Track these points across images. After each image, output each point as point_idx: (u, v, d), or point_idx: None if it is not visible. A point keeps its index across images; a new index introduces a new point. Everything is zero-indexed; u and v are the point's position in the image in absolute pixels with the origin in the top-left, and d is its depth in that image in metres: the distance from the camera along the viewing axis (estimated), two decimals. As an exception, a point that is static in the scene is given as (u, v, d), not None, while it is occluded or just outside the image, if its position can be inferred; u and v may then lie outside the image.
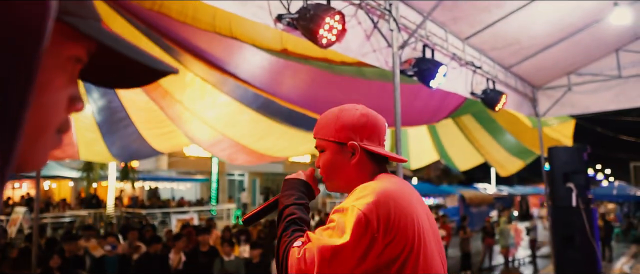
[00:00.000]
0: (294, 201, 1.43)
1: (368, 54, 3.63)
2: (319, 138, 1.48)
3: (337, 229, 1.22)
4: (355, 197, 1.27)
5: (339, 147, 1.43)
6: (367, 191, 1.28)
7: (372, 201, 1.23)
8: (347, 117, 1.44)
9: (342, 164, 1.42)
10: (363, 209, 1.21)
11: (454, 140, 10.70)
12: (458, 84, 5.10)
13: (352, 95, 6.15)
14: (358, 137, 1.43)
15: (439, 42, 4.51)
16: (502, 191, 27.54)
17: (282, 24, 2.89)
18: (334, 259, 1.19)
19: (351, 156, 1.42)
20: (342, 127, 1.42)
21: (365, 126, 1.44)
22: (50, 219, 15.54)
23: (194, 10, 4.47)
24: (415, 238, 1.24)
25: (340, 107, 1.49)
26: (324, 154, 1.46)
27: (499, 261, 12.98)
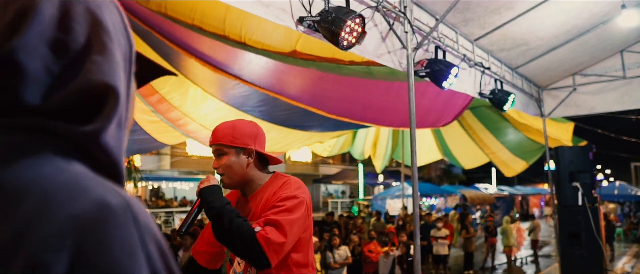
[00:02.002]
0: (225, 202, 1.70)
1: (383, 56, 3.71)
2: (220, 145, 1.81)
3: (292, 210, 1.69)
4: (295, 188, 1.77)
5: (238, 151, 1.81)
6: (298, 184, 1.81)
7: (306, 192, 1.80)
8: (244, 127, 1.85)
9: (241, 165, 1.82)
10: (305, 198, 1.76)
11: (458, 140, 10.79)
12: (467, 84, 5.19)
13: (359, 93, 6.22)
14: (253, 143, 1.84)
15: (450, 44, 4.59)
16: (503, 191, 27.60)
17: (304, 27, 2.97)
18: (294, 227, 1.68)
19: (248, 158, 1.82)
20: (241, 135, 1.82)
21: (258, 134, 1.86)
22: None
23: (203, 15, 4.51)
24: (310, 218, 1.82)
25: (234, 120, 1.89)
26: (225, 158, 1.80)
27: (502, 261, 13.06)
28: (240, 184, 1.85)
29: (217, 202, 1.69)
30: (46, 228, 0.43)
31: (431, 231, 10.70)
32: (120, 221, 0.46)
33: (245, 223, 1.63)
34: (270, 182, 1.86)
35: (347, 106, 6.39)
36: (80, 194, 0.46)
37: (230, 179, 1.83)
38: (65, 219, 0.44)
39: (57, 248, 0.42)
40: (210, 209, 1.69)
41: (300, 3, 2.90)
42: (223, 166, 1.80)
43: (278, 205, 1.69)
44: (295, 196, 1.73)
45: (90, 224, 0.44)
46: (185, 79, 6.13)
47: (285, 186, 1.79)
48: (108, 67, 0.53)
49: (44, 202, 0.44)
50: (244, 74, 5.64)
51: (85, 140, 0.51)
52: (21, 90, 0.48)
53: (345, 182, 31.13)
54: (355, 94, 6.15)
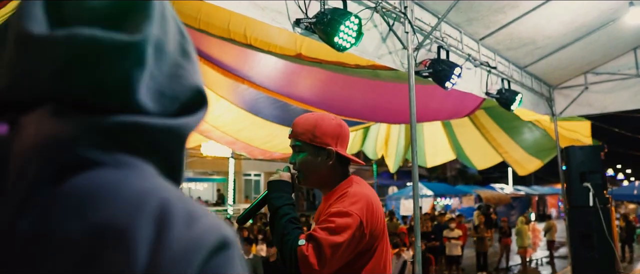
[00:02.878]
0: (286, 202, 1.62)
1: (384, 56, 3.71)
2: (299, 140, 1.71)
3: (336, 229, 1.52)
4: (350, 202, 1.59)
5: (317, 150, 1.70)
6: (357, 197, 1.61)
7: (364, 207, 1.59)
8: (326, 126, 1.72)
9: (319, 165, 1.71)
10: (359, 214, 1.56)
11: (471, 139, 10.69)
12: (473, 84, 5.15)
13: (367, 95, 6.22)
14: (334, 144, 1.72)
15: (454, 44, 4.56)
16: (519, 191, 27.27)
17: (300, 28, 2.98)
18: (338, 251, 1.51)
19: (327, 158, 1.70)
20: (322, 134, 1.70)
21: (340, 134, 1.74)
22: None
23: (208, 16, 4.55)
24: (382, 233, 1.66)
25: (317, 114, 1.76)
26: (302, 154, 1.71)
27: (516, 262, 12.90)
28: (316, 183, 1.77)
29: (278, 199, 1.63)
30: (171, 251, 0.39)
31: (444, 231, 10.63)
32: (235, 255, 0.44)
33: (294, 230, 1.55)
34: (341, 186, 1.73)
35: (355, 108, 6.39)
36: (195, 219, 0.42)
37: (305, 178, 1.73)
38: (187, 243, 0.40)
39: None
40: (270, 204, 1.65)
41: (296, 4, 2.92)
42: (299, 163, 1.72)
43: (328, 220, 1.55)
44: (347, 212, 1.55)
45: (215, 254, 0.41)
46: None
47: (343, 197, 1.62)
48: (194, 70, 0.51)
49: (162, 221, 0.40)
50: (253, 75, 5.68)
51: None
52: (137, 86, 0.43)
53: (360, 182, 31.02)
54: (363, 95, 6.15)
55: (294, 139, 1.73)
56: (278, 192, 1.65)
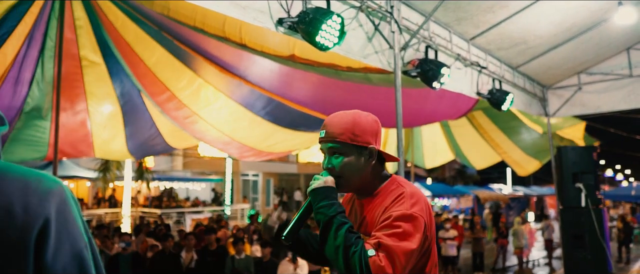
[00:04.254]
0: (339, 210, 1.48)
1: (370, 56, 3.69)
2: (338, 142, 1.57)
3: (406, 235, 1.41)
4: (411, 204, 1.48)
5: (359, 150, 1.57)
6: (416, 198, 1.51)
7: (423, 208, 1.49)
8: (364, 123, 1.59)
9: (361, 166, 1.58)
10: (422, 216, 1.47)
11: (469, 139, 10.68)
12: (463, 84, 5.12)
13: (360, 98, 6.21)
14: (374, 142, 1.60)
15: (443, 43, 4.54)
16: (517, 191, 27.23)
17: (283, 28, 2.96)
18: (411, 258, 1.41)
19: (368, 158, 1.58)
20: (362, 132, 1.57)
21: (378, 131, 1.63)
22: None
23: (204, 16, 4.56)
24: (434, 231, 1.56)
25: (352, 112, 1.62)
26: (342, 156, 1.57)
27: (513, 262, 12.88)
28: (358, 187, 1.63)
29: (328, 207, 1.47)
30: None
31: (439, 231, 10.59)
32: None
33: (358, 240, 1.40)
34: (387, 187, 1.61)
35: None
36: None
37: (348, 182, 1.59)
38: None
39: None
40: (319, 214, 1.48)
41: (279, 4, 2.90)
42: (341, 166, 1.56)
43: (393, 225, 1.42)
44: (412, 215, 1.44)
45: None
46: (197, 77, 6.19)
47: (401, 199, 1.50)
48: None
49: None
50: (248, 75, 5.68)
51: None
52: None
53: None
54: (356, 98, 6.14)
55: (329, 140, 1.58)
56: (327, 200, 1.50)
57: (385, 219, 1.44)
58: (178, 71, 6.18)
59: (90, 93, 6.69)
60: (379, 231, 1.42)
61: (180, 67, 6.11)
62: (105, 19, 5.55)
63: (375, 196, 1.60)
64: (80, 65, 6.22)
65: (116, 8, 5.39)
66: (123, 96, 6.81)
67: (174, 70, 6.17)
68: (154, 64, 6.12)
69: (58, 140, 5.90)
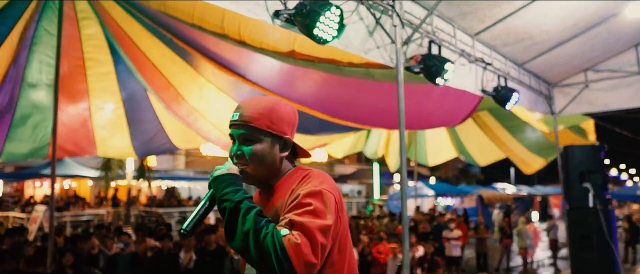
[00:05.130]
0: (245, 196, 1.34)
1: (371, 51, 3.56)
2: (253, 127, 1.45)
3: (318, 211, 1.31)
4: (319, 182, 1.39)
5: (273, 140, 1.48)
6: (323, 178, 1.44)
7: (333, 186, 1.42)
8: (283, 111, 1.50)
9: (273, 157, 1.48)
10: (333, 193, 1.39)
11: (472, 136, 10.57)
12: (468, 81, 4.98)
13: (362, 95, 6.08)
14: (290, 132, 1.52)
15: (447, 39, 4.40)
16: (521, 190, 27.04)
17: (280, 21, 2.84)
18: (328, 235, 1.31)
19: (281, 150, 1.50)
20: (279, 120, 1.48)
21: (295, 123, 1.56)
22: (69, 217, 15.80)
23: (202, 12, 4.46)
24: (347, 229, 1.48)
25: (270, 98, 1.52)
26: (255, 144, 1.46)
27: (517, 263, 12.74)
28: (265, 178, 1.51)
29: (233, 194, 1.33)
30: None
31: (443, 231, 10.47)
32: None
33: (268, 223, 1.26)
34: (290, 175, 1.51)
35: (350, 110, 6.27)
36: None
37: (255, 172, 1.47)
38: None
39: None
40: (223, 201, 1.33)
41: (275, -4, 2.78)
42: (251, 155, 1.45)
43: (303, 203, 1.31)
44: (321, 191, 1.35)
45: None
46: (198, 75, 6.10)
47: (307, 179, 1.43)
48: None
49: None
50: (248, 73, 5.57)
51: None
52: None
53: (361, 181, 30.93)
54: (358, 96, 6.03)
55: (242, 125, 1.46)
56: (232, 186, 1.36)
57: (294, 200, 1.35)
58: (180, 68, 6.10)
59: (93, 90, 6.61)
60: (289, 212, 1.32)
61: (182, 64, 6.02)
62: (107, 14, 5.46)
63: (279, 186, 1.50)
64: (83, 60, 6.13)
65: (115, 4, 5.30)
66: (127, 93, 6.73)
67: (175, 67, 6.09)
68: (156, 60, 6.03)
69: (56, 138, 5.81)
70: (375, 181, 27.16)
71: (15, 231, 8.73)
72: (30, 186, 20.67)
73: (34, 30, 5.49)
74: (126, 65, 6.24)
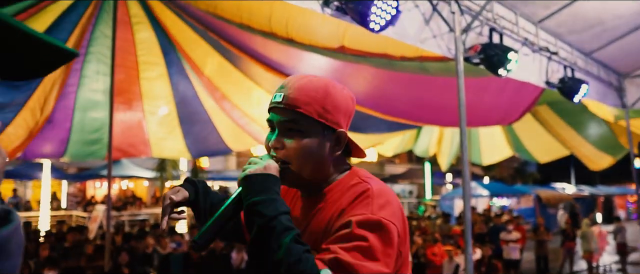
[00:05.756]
0: (281, 209, 1.03)
1: (427, 40, 3.34)
2: (301, 114, 1.12)
3: (374, 251, 1.00)
4: (378, 207, 1.05)
5: (325, 133, 1.15)
6: (385, 198, 1.09)
7: (396, 212, 1.08)
8: (339, 97, 1.17)
9: (323, 154, 1.15)
10: (395, 223, 1.05)
11: (531, 133, 10.05)
12: (531, 72, 4.65)
13: (415, 92, 5.86)
14: (345, 124, 1.19)
15: (509, 26, 4.11)
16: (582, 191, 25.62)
17: (330, 9, 2.68)
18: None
19: (334, 146, 1.17)
20: (334, 109, 1.15)
21: (352, 111, 1.22)
22: (127, 217, 16.38)
23: (249, 12, 4.41)
24: (408, 247, 1.15)
25: (324, 80, 1.18)
26: (301, 135, 1.12)
27: (581, 267, 12.00)
28: (310, 180, 1.18)
29: (267, 205, 1.02)
30: None
31: (501, 233, 10.02)
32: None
33: (306, 255, 0.98)
34: (344, 181, 1.18)
35: (402, 106, 6.08)
36: None
37: (299, 174, 1.15)
38: None
39: None
40: (253, 213, 1.03)
41: (325, -17, 2.63)
42: (297, 150, 1.13)
43: (355, 236, 1.00)
44: (380, 223, 1.02)
45: None
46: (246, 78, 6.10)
47: (364, 198, 1.08)
48: None
49: None
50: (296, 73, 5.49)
51: None
52: None
53: (412, 181, 30.39)
54: (410, 92, 5.83)
55: (287, 110, 1.13)
56: (265, 193, 1.04)
57: (343, 226, 1.03)
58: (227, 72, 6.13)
59: (147, 92, 6.75)
60: (335, 242, 1.01)
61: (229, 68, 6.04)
62: (158, 17, 5.54)
63: (327, 193, 1.17)
64: (137, 63, 6.26)
65: (165, 7, 5.36)
66: (179, 95, 6.83)
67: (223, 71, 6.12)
68: (203, 63, 6.08)
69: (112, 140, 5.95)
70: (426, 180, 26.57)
71: (76, 229, 9.09)
72: (91, 186, 21.64)
73: (91, 33, 5.63)
74: (178, 67, 6.32)
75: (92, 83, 6.33)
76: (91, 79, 6.28)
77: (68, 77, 6.09)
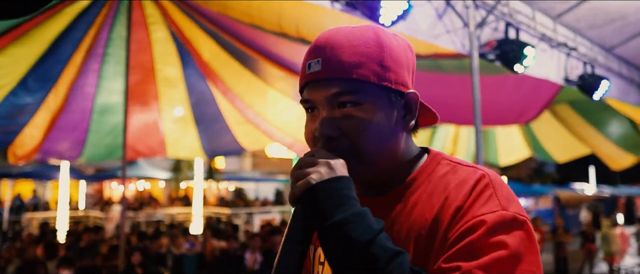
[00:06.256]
0: (376, 225, 0.73)
1: (441, 36, 3.26)
2: (353, 80, 0.80)
3: (520, 259, 0.72)
4: (507, 200, 0.77)
5: (392, 98, 0.83)
6: (506, 187, 0.80)
7: (518, 203, 0.79)
8: (397, 47, 0.84)
9: (397, 129, 0.84)
10: (527, 217, 0.77)
11: (549, 131, 9.84)
12: (549, 69, 4.53)
13: (429, 89, 5.76)
14: (410, 83, 0.87)
15: (525, 21, 4.00)
16: (603, 191, 25.10)
17: (340, 5, 2.62)
18: None
19: (406, 115, 0.86)
20: (395, 64, 0.82)
21: (414, 65, 0.90)
22: (143, 217, 16.52)
23: (259, 11, 4.38)
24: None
25: (370, 27, 0.85)
26: (361, 110, 0.80)
27: (601, 269, 11.74)
28: (386, 170, 0.86)
29: (356, 225, 0.71)
30: None
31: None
32: None
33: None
34: (430, 168, 0.87)
35: None
36: None
37: (373, 161, 0.83)
38: None
39: None
40: (338, 240, 0.72)
41: (335, -23, 2.57)
42: (358, 132, 0.81)
43: (491, 243, 0.71)
44: (516, 219, 0.74)
45: None
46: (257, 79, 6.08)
47: (484, 190, 0.78)
48: None
49: None
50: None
51: None
52: None
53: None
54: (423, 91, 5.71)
55: (334, 79, 0.80)
56: (345, 208, 0.73)
57: (468, 233, 0.73)
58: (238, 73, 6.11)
59: (163, 93, 6.77)
60: (463, 258, 0.71)
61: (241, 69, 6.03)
62: (171, 19, 5.55)
63: (410, 187, 0.85)
64: (153, 64, 6.27)
65: (178, 9, 5.36)
66: (194, 95, 6.84)
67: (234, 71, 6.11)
68: (216, 64, 6.07)
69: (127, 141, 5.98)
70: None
71: (92, 229, 9.18)
72: (108, 187, 21.89)
73: (108, 33, 5.66)
74: (193, 68, 6.33)
75: (110, 84, 6.37)
76: (108, 80, 6.32)
77: (86, 78, 6.13)
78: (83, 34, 5.44)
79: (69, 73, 5.86)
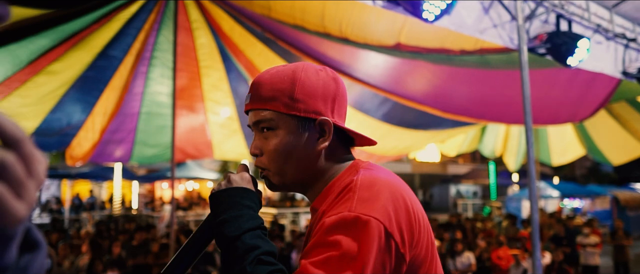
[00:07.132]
0: (248, 226, 0.91)
1: (487, 30, 3.15)
2: (267, 109, 0.99)
3: (347, 257, 0.80)
4: (359, 200, 0.87)
5: (301, 124, 1.00)
6: (373, 188, 0.89)
7: (389, 202, 0.87)
8: (312, 81, 1.01)
9: (305, 149, 1.00)
10: (379, 217, 0.83)
11: (604, 130, 9.36)
12: (605, 62, 4.29)
13: (476, 87, 5.61)
14: (328, 110, 1.01)
15: (578, 12, 3.81)
16: (667, 192, 23.61)
17: (382, 2, 2.58)
18: None
19: (318, 138, 1.01)
20: (306, 96, 0.99)
21: (336, 94, 1.03)
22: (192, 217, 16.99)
23: (302, 12, 4.40)
24: (430, 242, 0.95)
25: (294, 65, 1.04)
26: (274, 134, 1.00)
27: (667, 274, 11.04)
28: (299, 182, 1.04)
29: (231, 224, 0.91)
30: None
31: (577, 237, 9.41)
32: None
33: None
34: (343, 176, 1.01)
35: (462, 103, 5.84)
36: None
37: (281, 176, 1.02)
38: None
39: None
40: (217, 236, 0.93)
41: (376, -27, 2.53)
42: (271, 150, 1.01)
43: (326, 242, 0.83)
44: (357, 220, 0.83)
45: None
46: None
47: (345, 193, 0.91)
48: None
49: None
50: (352, 71, 5.43)
51: None
52: None
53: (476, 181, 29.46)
54: (470, 88, 5.59)
55: (256, 110, 1.02)
56: (230, 211, 0.92)
57: (317, 231, 0.86)
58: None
59: (208, 96, 6.94)
60: (307, 256, 0.84)
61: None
62: (216, 23, 5.67)
63: (323, 194, 1.01)
64: (199, 68, 6.44)
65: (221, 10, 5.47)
66: (239, 98, 6.97)
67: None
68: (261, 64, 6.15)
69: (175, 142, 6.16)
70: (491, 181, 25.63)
71: (143, 228, 9.51)
72: (159, 187, 22.66)
73: (155, 38, 5.85)
74: (237, 71, 6.44)
75: (157, 86, 6.58)
76: (156, 82, 6.53)
77: (135, 82, 6.37)
78: (133, 38, 5.66)
79: (119, 77, 6.11)
